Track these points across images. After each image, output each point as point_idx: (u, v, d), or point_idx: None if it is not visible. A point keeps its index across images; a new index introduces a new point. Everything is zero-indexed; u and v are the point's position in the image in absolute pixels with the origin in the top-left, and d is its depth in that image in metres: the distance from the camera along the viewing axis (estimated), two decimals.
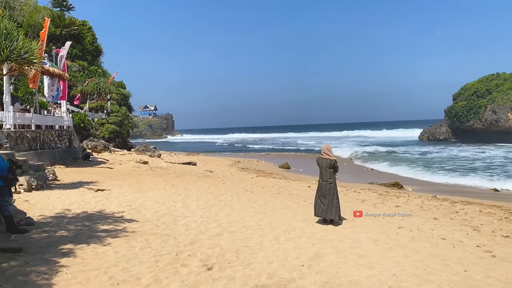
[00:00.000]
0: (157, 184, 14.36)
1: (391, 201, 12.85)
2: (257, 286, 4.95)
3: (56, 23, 39.43)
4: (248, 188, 14.96)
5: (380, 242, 7.39)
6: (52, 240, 6.71)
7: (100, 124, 34.24)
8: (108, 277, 5.10)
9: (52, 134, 20.01)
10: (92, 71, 40.70)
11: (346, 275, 5.43)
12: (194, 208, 10.15)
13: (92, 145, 27.33)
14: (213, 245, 6.80)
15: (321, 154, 9.23)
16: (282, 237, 7.56)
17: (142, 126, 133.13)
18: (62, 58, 22.18)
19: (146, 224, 8.13)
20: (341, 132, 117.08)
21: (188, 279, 5.13)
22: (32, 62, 11.30)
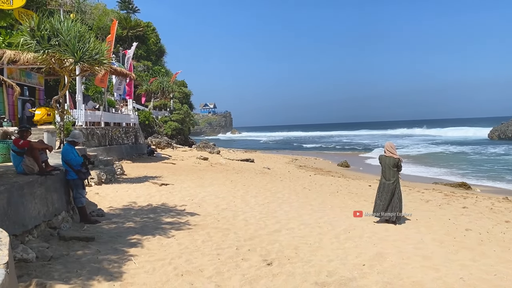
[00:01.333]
0: (217, 179, 14.70)
1: (458, 202, 12.22)
2: (317, 284, 4.93)
3: (122, 25, 41.46)
4: (306, 185, 14.88)
5: (446, 244, 7.08)
6: (120, 230, 7.10)
7: (164, 122, 35.58)
8: (172, 268, 5.31)
9: (120, 131, 21.11)
10: (156, 71, 42.42)
11: (409, 276, 5.26)
12: (253, 204, 10.29)
13: (156, 142, 28.50)
14: (272, 241, 6.86)
15: (384, 152, 9.01)
16: (342, 236, 7.46)
17: (202, 124, 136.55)
18: (129, 58, 23.31)
19: (207, 218, 8.36)
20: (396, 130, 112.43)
21: (249, 273, 5.22)
22: (102, 62, 12.03)
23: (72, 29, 11.06)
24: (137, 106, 32.93)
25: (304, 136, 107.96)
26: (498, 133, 63.64)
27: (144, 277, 4.96)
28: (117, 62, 24.10)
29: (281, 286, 4.85)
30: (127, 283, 4.75)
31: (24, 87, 19.87)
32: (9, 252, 2.83)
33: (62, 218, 7.01)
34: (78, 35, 11.15)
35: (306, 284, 4.92)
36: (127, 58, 23.44)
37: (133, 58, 30.55)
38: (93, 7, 42.36)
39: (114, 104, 26.10)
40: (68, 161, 7.44)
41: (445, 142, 60.54)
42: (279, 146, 63.54)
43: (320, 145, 64.22)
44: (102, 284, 4.68)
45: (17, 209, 5.56)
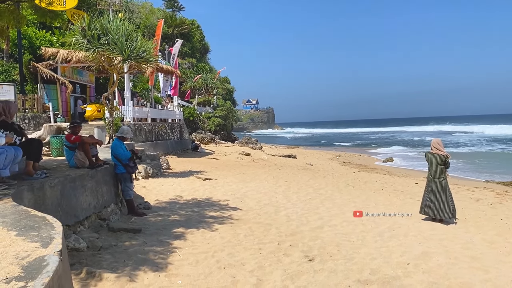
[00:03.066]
0: (259, 175, 14.79)
1: (511, 201, 11.64)
2: (359, 281, 4.87)
3: (168, 23, 42.45)
4: (350, 182, 14.67)
5: (497, 245, 6.78)
6: (166, 223, 7.32)
7: (207, 118, 36.17)
8: (215, 261, 5.42)
9: (165, 126, 21.68)
10: (200, 68, 43.15)
11: (456, 277, 5.09)
12: (294, 200, 10.28)
13: (200, 137, 29.04)
14: (314, 237, 6.84)
15: (431, 149, 8.73)
16: (386, 234, 7.31)
17: (244, 120, 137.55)
18: (174, 56, 23.84)
19: (249, 213, 8.45)
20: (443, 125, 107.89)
21: (290, 268, 5.24)
22: (149, 60, 12.37)
23: (120, 28, 11.44)
24: (182, 103, 33.67)
25: (347, 133, 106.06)
26: None
27: (188, 269, 5.09)
28: (163, 59, 24.71)
29: (322, 282, 4.83)
30: (171, 274, 4.90)
31: (76, 84, 20.86)
32: (62, 241, 2.99)
33: (111, 210, 7.32)
34: (126, 33, 11.53)
35: (348, 281, 4.87)
36: (172, 56, 23.99)
37: (178, 56, 31.22)
38: (140, 6, 43.63)
39: (160, 100, 26.82)
40: (117, 156, 7.75)
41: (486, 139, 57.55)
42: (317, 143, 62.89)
43: (365, 141, 62.98)
44: (148, 274, 4.85)
45: (70, 200, 5.87)
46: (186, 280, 4.76)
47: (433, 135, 62.69)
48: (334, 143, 56.25)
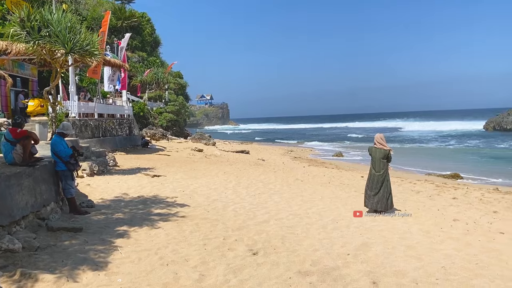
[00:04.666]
0: (210, 171, 14.74)
1: (448, 193, 12.33)
2: (300, 272, 5.00)
3: (117, 16, 41.17)
4: (299, 177, 14.95)
5: (432, 234, 7.16)
6: (109, 221, 7.15)
7: (159, 113, 35.53)
8: (158, 258, 5.37)
9: (114, 122, 21.09)
10: (151, 62, 42.20)
11: (392, 265, 5.33)
12: (244, 195, 10.35)
13: (151, 133, 28.48)
14: (260, 231, 6.92)
15: (374, 144, 9.04)
16: (330, 226, 7.53)
17: (198, 115, 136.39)
18: (123, 49, 23.20)
19: (197, 209, 8.41)
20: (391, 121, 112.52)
21: (234, 263, 5.28)
22: (94, 53, 11.96)
23: (62, 20, 10.98)
24: (132, 98, 32.83)
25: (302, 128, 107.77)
26: (494, 124, 63.87)
27: (129, 267, 5.01)
28: (111, 53, 23.94)
29: (264, 274, 4.91)
30: (111, 273, 4.81)
31: (17, 78, 19.78)
32: None
33: (51, 209, 7.03)
34: (68, 26, 11.09)
35: (289, 273, 4.98)
36: (120, 49, 23.33)
37: (127, 49, 30.38)
38: None
39: (108, 95, 26.02)
40: (56, 152, 7.45)
41: (439, 134, 60.72)
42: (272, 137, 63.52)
43: (316, 136, 64.30)
44: (86, 274, 4.73)
45: (4, 200, 5.58)
46: (127, 278, 4.68)
47: (382, 130, 64.97)
48: (282, 140, 56.90)
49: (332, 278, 4.85)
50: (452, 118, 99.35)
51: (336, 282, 4.77)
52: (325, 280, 4.80)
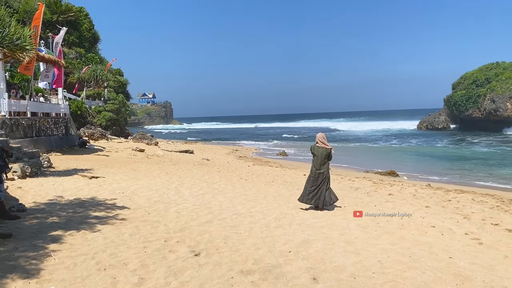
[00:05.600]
0: (151, 172, 14.40)
1: (385, 189, 12.90)
2: (242, 272, 5.00)
3: (52, 9, 39.10)
4: (243, 176, 15.00)
5: (369, 229, 7.44)
6: (42, 226, 6.76)
7: (97, 112, 34.18)
8: (95, 262, 5.15)
9: (48, 121, 20.00)
10: (89, 58, 40.50)
11: (331, 261, 5.48)
12: (187, 195, 10.20)
13: (89, 133, 27.34)
14: (203, 231, 6.85)
15: (316, 143, 9.25)
16: (273, 224, 7.61)
17: (140, 114, 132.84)
18: (58, 44, 22.03)
19: (137, 211, 8.17)
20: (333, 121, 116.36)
21: (175, 265, 5.18)
22: (25, 48, 11.25)
23: None
24: (68, 95, 31.33)
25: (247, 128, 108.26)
26: (426, 124, 67.89)
27: (64, 273, 4.77)
28: (45, 48, 22.68)
29: (206, 275, 4.86)
30: (43, 280, 4.54)
31: None
32: None
33: None
34: None
35: (231, 272, 4.97)
36: (55, 44, 22.13)
37: (63, 45, 28.96)
38: None
39: (43, 93, 24.66)
40: None
41: (375, 133, 63.49)
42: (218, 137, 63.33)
43: (262, 136, 64.92)
44: (16, 282, 4.44)
45: None
46: (61, 285, 4.45)
47: (320, 130, 66.78)
48: (227, 139, 56.88)
49: (273, 276, 4.90)
50: (385, 119, 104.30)
51: (278, 279, 4.82)
52: (267, 278, 4.84)
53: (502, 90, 54.52)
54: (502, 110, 53.96)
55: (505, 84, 54.81)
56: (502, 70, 58.07)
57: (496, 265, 5.68)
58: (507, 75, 56.07)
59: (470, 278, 4.99)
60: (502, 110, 54.01)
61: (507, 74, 56.43)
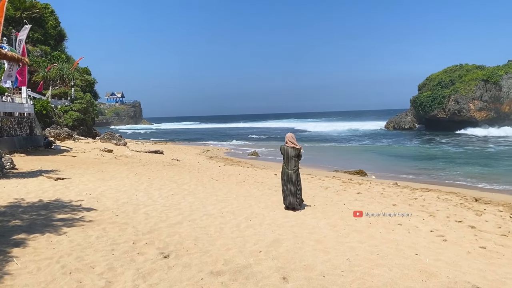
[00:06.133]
0: (120, 172, 14.13)
1: (353, 188, 13.11)
2: (212, 273, 4.96)
3: (15, 6, 37.78)
4: (214, 176, 14.93)
5: (338, 228, 7.55)
6: (4, 230, 6.50)
7: (64, 111, 33.25)
8: (60, 266, 5.00)
9: (11, 121, 19.32)
10: (55, 57, 39.35)
11: (301, 260, 5.51)
12: (156, 196, 10.05)
13: (55, 133, 26.57)
14: (172, 233, 6.76)
15: (285, 143, 9.30)
16: (243, 224, 7.60)
17: (108, 114, 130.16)
18: (21, 41, 21.31)
19: (105, 213, 7.99)
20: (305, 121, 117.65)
21: (143, 267, 5.09)
22: None
23: None
24: (33, 95, 30.31)
25: (218, 128, 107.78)
26: (393, 124, 69.49)
27: (27, 278, 4.60)
28: (8, 45, 21.88)
29: (175, 277, 4.79)
30: (5, 286, 4.37)
31: None
32: None
33: None
34: None
35: (201, 274, 4.92)
36: (18, 41, 21.39)
37: (28, 42, 28.04)
38: None
39: (5, 91, 23.78)
40: None
41: (344, 133, 64.51)
42: (188, 137, 62.79)
43: (234, 136, 64.77)
44: None
45: None
46: None
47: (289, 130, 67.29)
48: (198, 140, 56.50)
49: (244, 276, 4.89)
50: (353, 119, 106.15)
51: (248, 280, 4.81)
52: (237, 279, 4.82)
53: (465, 91, 56.41)
54: (466, 111, 55.85)
55: (468, 86, 56.73)
56: (465, 72, 60.07)
57: (460, 261, 5.87)
58: (470, 77, 58.03)
59: (435, 274, 5.13)
60: (465, 111, 55.90)
61: (470, 76, 58.41)
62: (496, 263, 5.99)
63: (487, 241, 7.24)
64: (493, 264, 5.92)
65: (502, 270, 5.61)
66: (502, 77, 56.20)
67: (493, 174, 19.34)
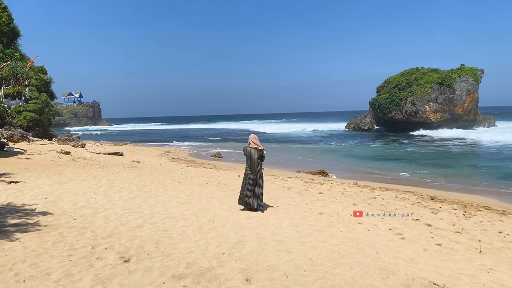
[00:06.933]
0: (78, 175, 13.68)
1: (315, 188, 13.30)
2: (174, 276, 4.88)
3: None
4: (176, 178, 14.73)
5: (301, 228, 7.63)
6: None
7: (18, 112, 31.81)
8: (13, 274, 4.78)
9: None
10: (8, 55, 37.58)
11: (264, 261, 5.53)
12: (116, 199, 9.80)
13: (8, 134, 25.39)
14: (133, 237, 6.61)
15: (249, 144, 9.30)
16: (206, 227, 7.53)
17: (66, 115, 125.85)
18: None
19: (62, 217, 7.71)
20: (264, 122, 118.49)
21: (103, 272, 4.94)
22: None
23: None
24: None
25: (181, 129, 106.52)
26: (353, 125, 71.15)
27: None
28: None
29: (136, 282, 4.69)
30: None
31: None
32: None
33: None
34: None
35: (163, 278, 4.84)
36: None
37: None
38: None
39: None
40: None
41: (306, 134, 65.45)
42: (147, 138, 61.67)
43: (197, 137, 64.20)
44: None
45: None
46: None
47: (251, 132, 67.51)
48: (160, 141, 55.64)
49: (206, 279, 4.84)
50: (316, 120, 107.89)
51: (211, 282, 4.77)
52: (200, 282, 4.77)
53: (422, 93, 58.48)
54: (422, 112, 57.91)
55: (424, 88, 58.84)
56: (421, 75, 62.25)
57: (417, 258, 6.07)
58: (426, 80, 60.19)
59: (394, 272, 5.27)
60: (421, 112, 57.96)
61: (425, 78, 60.57)
62: (451, 259, 6.24)
63: (443, 238, 7.53)
64: (448, 260, 6.16)
65: (457, 266, 5.85)
66: (455, 80, 58.65)
67: (448, 174, 20.14)
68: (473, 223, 9.08)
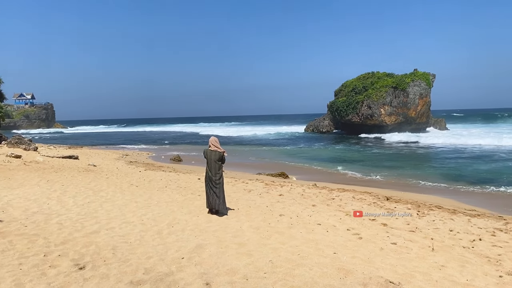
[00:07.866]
0: (30, 180, 13.09)
1: (276, 190, 13.39)
2: (132, 283, 4.77)
3: None
4: (134, 182, 14.41)
5: (261, 230, 7.66)
6: None
7: None
8: None
9: None
10: None
11: (224, 265, 5.50)
12: (70, 205, 9.46)
13: None
14: (88, 243, 6.40)
15: (209, 147, 9.24)
16: (165, 231, 7.41)
17: (17, 117, 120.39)
18: None
19: (11, 224, 7.35)
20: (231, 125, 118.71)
21: (56, 281, 4.76)
22: None
23: None
24: None
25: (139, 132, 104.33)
26: (312, 127, 72.43)
27: None
28: None
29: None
30: None
31: None
32: None
33: None
34: None
35: (120, 284, 4.72)
36: None
37: None
38: None
39: None
40: None
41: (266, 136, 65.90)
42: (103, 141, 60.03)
43: (156, 140, 63.08)
44: None
45: None
46: None
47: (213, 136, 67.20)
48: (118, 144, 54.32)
49: (165, 285, 4.76)
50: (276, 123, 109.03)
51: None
52: (159, 287, 4.68)
53: (377, 97, 60.31)
54: (377, 115, 59.70)
55: (379, 92, 60.71)
56: (377, 79, 64.24)
57: (374, 257, 6.24)
58: (381, 84, 62.15)
59: (351, 271, 5.39)
60: (377, 115, 59.73)
61: (381, 82, 62.54)
62: (406, 257, 6.46)
63: (398, 238, 7.78)
64: (403, 258, 6.37)
65: (411, 264, 6.06)
66: (409, 85, 60.91)
67: (403, 174, 20.84)
68: (426, 222, 9.44)
